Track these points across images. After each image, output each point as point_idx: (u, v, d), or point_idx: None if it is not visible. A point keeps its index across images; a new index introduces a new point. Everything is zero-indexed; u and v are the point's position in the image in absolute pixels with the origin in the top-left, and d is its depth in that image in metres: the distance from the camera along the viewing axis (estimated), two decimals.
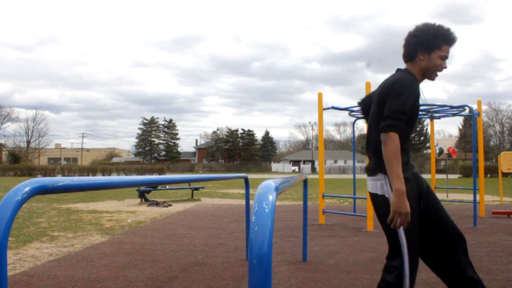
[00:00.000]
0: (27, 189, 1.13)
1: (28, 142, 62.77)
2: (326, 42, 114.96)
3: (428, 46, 2.24)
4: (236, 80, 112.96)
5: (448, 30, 2.27)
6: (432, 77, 2.32)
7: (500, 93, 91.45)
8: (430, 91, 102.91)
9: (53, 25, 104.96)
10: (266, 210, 0.94)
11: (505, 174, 31.43)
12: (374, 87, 2.69)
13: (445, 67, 2.30)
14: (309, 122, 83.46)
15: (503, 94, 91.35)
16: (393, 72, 2.33)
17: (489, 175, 36.67)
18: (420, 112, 9.59)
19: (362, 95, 2.68)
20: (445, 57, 2.28)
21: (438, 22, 2.26)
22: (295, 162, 74.78)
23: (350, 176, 40.84)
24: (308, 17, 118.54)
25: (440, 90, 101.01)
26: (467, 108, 8.27)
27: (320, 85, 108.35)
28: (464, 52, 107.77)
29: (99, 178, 1.51)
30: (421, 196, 2.27)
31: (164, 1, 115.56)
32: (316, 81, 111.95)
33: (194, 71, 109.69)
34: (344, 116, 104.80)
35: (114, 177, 1.63)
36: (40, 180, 1.19)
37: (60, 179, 1.27)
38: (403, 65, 2.34)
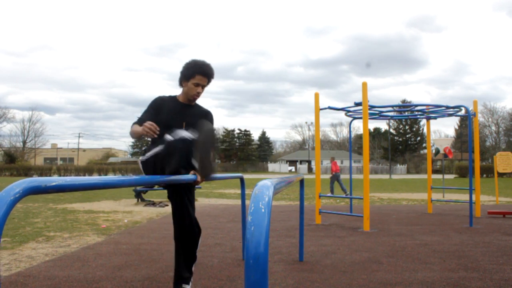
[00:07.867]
0: (19, 189, 1.10)
1: (24, 142, 62.35)
2: (305, 49, 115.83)
3: (185, 76, 3.08)
4: (224, 83, 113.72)
5: (196, 64, 3.04)
6: (191, 99, 3.15)
7: (477, 96, 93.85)
8: (415, 94, 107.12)
9: (44, 33, 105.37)
10: (263, 210, 0.94)
11: (500, 174, 31.53)
12: (369, 89, 2.71)
13: (200, 92, 3.08)
14: (306, 123, 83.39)
15: (482, 96, 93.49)
16: (379, 74, 2.42)
17: (485, 175, 36.83)
18: (416, 112, 9.68)
19: (348, 96, 2.75)
20: (198, 84, 3.06)
21: (409, 31, 2.29)
22: (292, 162, 74.79)
23: (347, 176, 40.67)
24: (286, 26, 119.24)
25: (423, 93, 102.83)
26: (463, 108, 8.31)
27: (308, 87, 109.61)
28: (438, 58, 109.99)
29: (93, 178, 1.49)
30: None
31: (146, 10, 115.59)
32: (304, 84, 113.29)
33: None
34: (339, 118, 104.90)
35: (107, 177, 1.62)
36: (33, 180, 1.17)
37: (53, 179, 1.25)
38: (388, 69, 2.37)
